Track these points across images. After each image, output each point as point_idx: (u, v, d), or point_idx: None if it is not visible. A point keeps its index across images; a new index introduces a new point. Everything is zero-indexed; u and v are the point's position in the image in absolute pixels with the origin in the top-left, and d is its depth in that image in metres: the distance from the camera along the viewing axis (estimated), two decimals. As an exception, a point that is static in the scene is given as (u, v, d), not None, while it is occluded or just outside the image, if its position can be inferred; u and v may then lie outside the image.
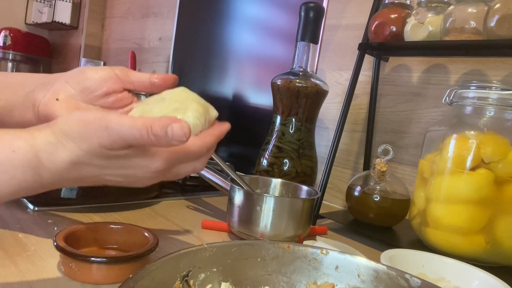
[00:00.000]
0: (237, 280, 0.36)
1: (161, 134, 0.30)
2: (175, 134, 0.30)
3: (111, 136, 0.30)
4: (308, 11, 0.75)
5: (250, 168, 0.89)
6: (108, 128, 0.30)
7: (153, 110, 0.39)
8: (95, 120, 0.31)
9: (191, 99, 0.40)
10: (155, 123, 0.30)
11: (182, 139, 0.31)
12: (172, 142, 0.31)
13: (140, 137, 0.30)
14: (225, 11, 1.26)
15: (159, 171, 0.35)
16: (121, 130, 0.30)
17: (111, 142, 0.31)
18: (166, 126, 0.30)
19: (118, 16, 1.87)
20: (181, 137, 0.31)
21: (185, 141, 0.31)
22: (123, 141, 0.31)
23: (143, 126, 0.30)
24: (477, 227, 0.56)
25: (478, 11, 0.59)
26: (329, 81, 0.93)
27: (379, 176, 0.70)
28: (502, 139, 0.56)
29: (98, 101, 0.43)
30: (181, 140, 0.31)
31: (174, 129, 0.30)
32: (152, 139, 0.31)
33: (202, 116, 0.39)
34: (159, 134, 0.30)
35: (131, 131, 0.30)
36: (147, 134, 0.30)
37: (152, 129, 0.30)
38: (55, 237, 0.41)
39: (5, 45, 1.99)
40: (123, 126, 0.30)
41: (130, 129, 0.30)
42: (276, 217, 0.55)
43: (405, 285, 0.34)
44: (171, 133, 0.30)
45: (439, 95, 0.77)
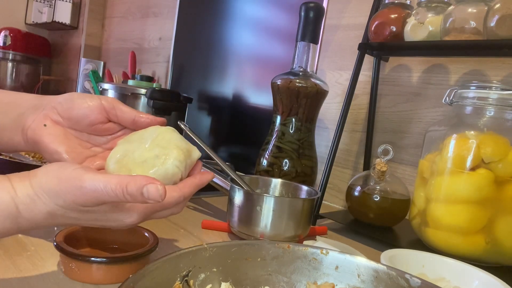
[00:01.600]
0: (237, 280, 0.36)
1: (137, 194, 0.31)
2: (151, 195, 0.31)
3: (85, 196, 0.31)
4: (308, 11, 0.75)
5: (250, 168, 0.89)
6: (83, 187, 0.31)
7: (134, 153, 0.39)
8: (71, 179, 0.32)
9: (174, 145, 0.39)
10: (130, 184, 0.31)
11: (157, 200, 0.32)
12: (148, 201, 0.32)
13: (115, 196, 0.31)
14: (225, 11, 1.26)
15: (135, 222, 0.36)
16: (95, 190, 0.31)
17: (85, 201, 0.32)
18: (141, 187, 0.31)
19: (118, 16, 1.87)
20: (156, 198, 0.32)
21: (162, 201, 0.32)
22: (97, 200, 0.32)
23: (118, 186, 0.31)
24: (477, 227, 0.56)
25: (478, 11, 0.59)
26: (329, 81, 0.93)
27: (379, 176, 0.70)
28: (502, 139, 0.56)
29: (84, 129, 0.44)
30: (157, 200, 0.32)
31: (150, 191, 0.31)
32: (127, 198, 0.32)
33: (182, 164, 0.38)
34: (135, 194, 0.31)
35: (106, 191, 0.31)
36: (122, 194, 0.31)
37: (128, 189, 0.31)
38: (55, 237, 0.41)
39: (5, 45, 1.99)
40: (98, 186, 0.31)
41: (104, 188, 0.31)
42: (276, 217, 0.55)
43: (405, 285, 0.34)
44: (147, 194, 0.31)
45: (439, 95, 0.77)
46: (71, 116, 0.43)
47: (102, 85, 1.06)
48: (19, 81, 2.06)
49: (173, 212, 0.40)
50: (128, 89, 1.00)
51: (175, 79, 1.45)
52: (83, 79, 1.86)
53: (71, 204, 0.32)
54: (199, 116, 1.29)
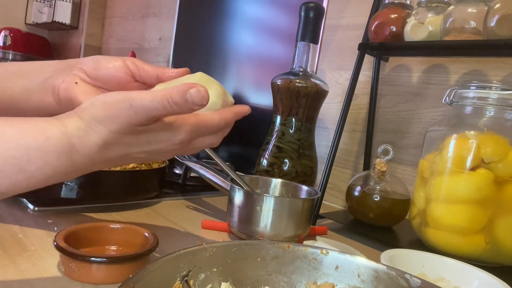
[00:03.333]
0: (237, 280, 0.36)
1: (181, 101, 0.32)
2: (194, 99, 0.32)
3: (137, 114, 0.32)
4: (308, 11, 0.75)
5: (250, 168, 0.89)
6: (133, 106, 0.32)
7: (177, 83, 0.40)
8: (119, 101, 0.32)
9: (212, 81, 0.42)
10: (174, 93, 0.32)
11: (202, 102, 0.32)
12: (194, 107, 0.32)
13: (163, 109, 0.32)
14: (225, 11, 1.26)
15: (182, 143, 0.37)
16: (144, 106, 0.31)
17: (138, 118, 0.32)
18: (184, 93, 0.32)
19: (118, 16, 1.87)
20: (200, 100, 0.32)
21: (205, 104, 0.33)
22: (148, 115, 0.32)
23: (164, 98, 0.32)
24: (477, 227, 0.56)
25: (478, 11, 0.59)
26: (329, 81, 0.93)
27: (379, 176, 0.70)
28: (502, 139, 0.56)
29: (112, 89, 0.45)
30: (201, 103, 0.32)
31: (193, 94, 0.32)
32: (175, 108, 0.32)
33: (221, 96, 0.40)
34: (180, 102, 0.32)
35: (154, 104, 0.32)
36: (169, 105, 0.32)
37: (172, 99, 0.32)
38: (55, 237, 0.41)
39: (5, 45, 1.99)
40: (145, 101, 0.31)
41: (152, 102, 0.31)
42: (276, 217, 0.55)
43: (405, 285, 0.34)
44: (191, 98, 0.32)
45: (439, 95, 0.77)
46: (98, 77, 0.44)
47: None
48: (19, 81, 2.06)
49: (212, 142, 0.40)
50: (128, 89, 1.00)
51: (175, 79, 1.45)
52: (83, 79, 1.85)
53: (125, 126, 0.32)
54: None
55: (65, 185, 0.58)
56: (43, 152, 0.31)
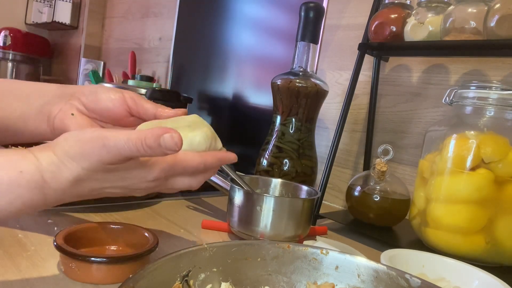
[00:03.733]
0: (237, 280, 0.36)
1: (155, 145, 0.32)
2: (167, 143, 0.32)
3: (109, 153, 0.32)
4: (308, 11, 0.75)
5: (250, 168, 0.89)
6: (106, 145, 0.32)
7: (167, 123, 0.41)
8: (92, 139, 0.32)
9: (203, 124, 0.42)
10: (148, 136, 0.32)
11: (174, 148, 0.33)
12: (167, 151, 0.33)
13: (136, 151, 0.32)
14: (225, 11, 1.26)
15: (156, 180, 0.37)
16: (117, 146, 0.32)
17: (110, 158, 0.32)
18: (158, 137, 0.32)
19: (118, 16, 1.87)
20: (172, 146, 0.33)
21: (177, 150, 0.33)
22: (121, 155, 0.33)
23: (138, 140, 0.32)
24: (477, 227, 0.56)
25: (478, 11, 0.59)
26: (329, 81, 0.93)
27: (379, 176, 0.70)
28: (502, 139, 0.56)
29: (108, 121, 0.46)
30: (174, 149, 0.33)
31: (166, 139, 0.32)
32: (147, 151, 0.33)
33: (208, 139, 0.41)
34: (153, 146, 0.32)
35: (128, 146, 0.32)
36: (142, 147, 0.32)
37: (146, 142, 0.32)
38: (55, 237, 0.41)
39: (5, 45, 1.99)
40: (119, 142, 0.32)
41: (126, 144, 0.32)
42: (276, 217, 0.55)
43: (405, 285, 0.34)
44: (164, 143, 0.32)
45: (439, 95, 0.77)
46: (95, 109, 0.44)
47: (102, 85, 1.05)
48: (19, 81, 2.06)
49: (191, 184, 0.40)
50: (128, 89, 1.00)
51: (175, 79, 1.45)
52: (83, 79, 1.86)
53: (96, 165, 0.33)
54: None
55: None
56: (15, 186, 0.31)
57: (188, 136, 0.39)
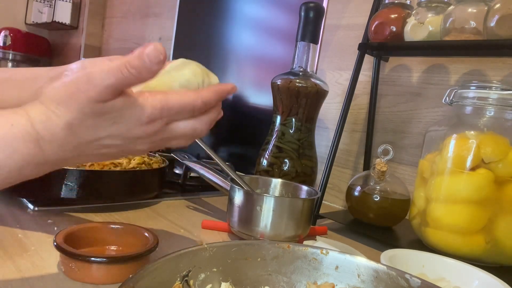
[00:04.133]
0: (237, 280, 0.36)
1: (139, 63, 0.30)
2: (151, 56, 0.30)
3: (96, 87, 0.31)
4: (308, 11, 0.75)
5: (250, 168, 0.89)
6: (90, 79, 0.30)
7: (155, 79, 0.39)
8: (77, 78, 0.31)
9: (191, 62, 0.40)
10: (131, 57, 0.31)
11: (159, 57, 0.31)
12: (153, 67, 0.31)
13: (121, 76, 0.31)
14: (225, 11, 1.26)
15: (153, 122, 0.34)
16: (102, 77, 0.30)
17: (97, 93, 0.31)
18: (142, 55, 0.30)
19: (118, 16, 1.87)
20: (157, 56, 0.31)
21: (162, 58, 0.31)
22: (108, 87, 0.31)
23: (121, 64, 0.31)
24: (477, 227, 0.56)
25: (478, 11, 0.59)
26: (329, 81, 0.93)
27: (379, 176, 0.70)
28: (502, 139, 0.56)
29: None
30: (159, 59, 0.31)
31: (149, 52, 0.30)
32: (134, 73, 0.31)
33: (199, 75, 0.38)
34: (138, 65, 0.30)
35: (112, 74, 0.30)
36: (127, 70, 0.30)
37: (130, 63, 0.30)
38: (55, 237, 0.41)
39: (5, 45, 1.99)
40: (102, 73, 0.30)
41: (109, 72, 0.30)
42: (276, 217, 0.55)
43: (405, 285, 0.34)
44: (148, 58, 0.30)
45: (439, 95, 0.77)
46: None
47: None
48: (19, 81, 2.06)
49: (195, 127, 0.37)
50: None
51: (175, 79, 1.45)
52: (83, 79, 1.85)
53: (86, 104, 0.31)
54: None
55: (65, 185, 0.58)
56: (10, 139, 0.30)
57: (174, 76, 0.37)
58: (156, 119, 0.34)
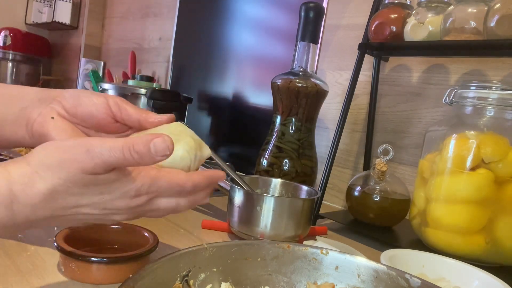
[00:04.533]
0: (237, 280, 0.36)
1: (144, 150, 0.30)
2: (158, 148, 0.30)
3: (93, 159, 0.29)
4: (308, 11, 0.75)
5: (250, 168, 0.89)
6: (90, 151, 0.29)
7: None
8: (75, 146, 0.30)
9: (185, 134, 0.39)
10: (137, 141, 0.30)
11: (165, 152, 0.30)
12: (156, 158, 0.30)
13: (122, 157, 0.30)
14: (225, 11, 1.26)
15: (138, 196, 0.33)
16: (102, 153, 0.29)
17: (93, 166, 0.29)
18: (148, 143, 0.30)
19: (118, 16, 1.87)
20: (164, 150, 0.30)
21: (169, 154, 0.31)
22: (105, 163, 0.30)
23: (125, 146, 0.30)
24: (477, 227, 0.56)
25: (478, 11, 0.59)
26: (329, 81, 0.93)
27: (379, 176, 0.70)
28: (502, 139, 0.56)
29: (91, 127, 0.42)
30: (165, 153, 0.30)
31: (157, 144, 0.30)
32: (135, 157, 0.30)
33: (192, 150, 0.38)
34: (142, 151, 0.30)
35: (113, 152, 0.29)
36: (129, 153, 0.30)
37: (135, 148, 0.30)
38: (55, 237, 0.41)
39: (5, 45, 1.99)
40: (104, 148, 0.29)
41: (111, 150, 0.29)
42: (276, 217, 0.55)
43: (405, 285, 0.34)
44: (154, 148, 0.30)
45: (439, 95, 0.77)
46: (77, 114, 0.41)
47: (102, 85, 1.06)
48: (19, 81, 2.06)
49: (178, 205, 0.36)
50: (128, 89, 1.01)
51: (175, 79, 1.45)
52: (83, 79, 1.86)
53: (77, 174, 0.29)
54: (199, 116, 1.29)
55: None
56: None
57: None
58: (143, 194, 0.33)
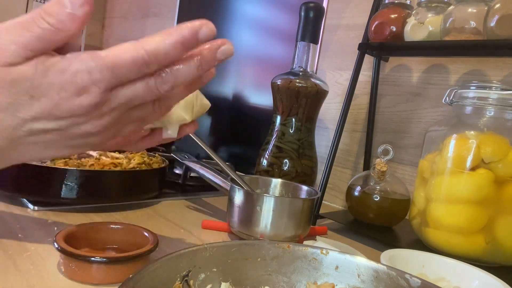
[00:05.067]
0: (237, 280, 0.36)
1: (58, 9, 0.25)
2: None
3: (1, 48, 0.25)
4: (308, 11, 0.75)
5: (250, 168, 0.89)
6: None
7: None
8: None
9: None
10: (47, 4, 0.25)
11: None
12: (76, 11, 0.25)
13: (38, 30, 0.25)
14: (225, 11, 1.26)
15: (88, 91, 0.26)
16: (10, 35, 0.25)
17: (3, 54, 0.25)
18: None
19: (118, 16, 1.87)
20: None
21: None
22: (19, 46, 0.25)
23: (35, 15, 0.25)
24: (477, 227, 0.56)
25: (478, 11, 0.59)
26: (329, 81, 0.93)
27: (379, 176, 0.70)
28: (502, 139, 0.56)
29: None
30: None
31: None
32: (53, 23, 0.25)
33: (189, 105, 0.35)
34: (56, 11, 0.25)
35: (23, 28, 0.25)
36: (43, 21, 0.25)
37: (46, 11, 0.25)
38: (55, 237, 0.41)
39: (5, 45, 1.99)
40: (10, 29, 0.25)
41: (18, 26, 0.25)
42: (276, 217, 0.55)
43: (405, 285, 0.34)
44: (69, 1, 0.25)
45: (439, 95, 0.77)
46: None
47: (102, 85, 1.06)
48: (19, 81, 2.06)
49: (153, 86, 0.28)
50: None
51: (175, 79, 1.45)
52: (83, 79, 1.86)
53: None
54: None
55: (65, 185, 0.58)
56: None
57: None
58: (88, 85, 0.26)
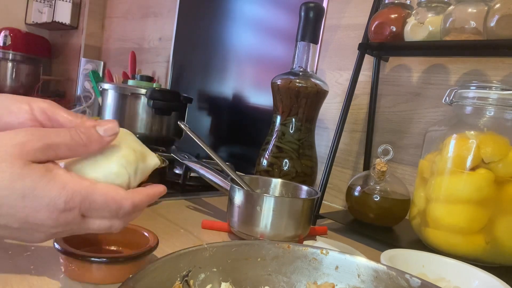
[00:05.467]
0: (237, 280, 0.36)
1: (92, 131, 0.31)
2: (104, 127, 0.31)
3: (41, 139, 0.29)
4: (308, 11, 0.75)
5: (250, 168, 0.89)
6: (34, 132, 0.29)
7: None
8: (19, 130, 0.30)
9: (125, 144, 0.34)
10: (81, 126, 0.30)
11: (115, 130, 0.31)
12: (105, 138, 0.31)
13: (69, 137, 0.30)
14: (225, 11, 1.26)
15: (69, 212, 0.29)
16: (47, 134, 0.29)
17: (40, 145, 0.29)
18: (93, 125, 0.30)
19: (118, 16, 1.87)
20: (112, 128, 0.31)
21: (117, 132, 0.31)
22: (49, 144, 0.29)
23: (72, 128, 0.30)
24: (477, 227, 0.56)
25: (478, 11, 0.59)
26: (329, 81, 0.93)
27: (379, 176, 0.70)
28: (502, 139, 0.56)
29: None
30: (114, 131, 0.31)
31: (102, 123, 0.30)
32: (83, 138, 0.30)
33: (131, 165, 0.33)
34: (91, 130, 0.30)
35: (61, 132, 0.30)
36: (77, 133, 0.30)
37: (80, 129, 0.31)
38: (55, 237, 0.41)
39: (5, 45, 1.99)
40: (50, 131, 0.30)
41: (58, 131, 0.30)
42: (276, 217, 0.55)
43: (405, 285, 0.34)
44: (101, 128, 0.30)
45: (439, 95, 0.77)
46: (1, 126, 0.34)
47: (102, 85, 1.06)
48: (19, 81, 2.06)
49: (113, 225, 0.32)
50: (128, 89, 1.00)
51: (175, 79, 1.45)
52: (83, 79, 1.86)
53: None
54: (199, 116, 1.29)
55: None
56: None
57: (102, 167, 0.32)
58: (74, 208, 0.29)
